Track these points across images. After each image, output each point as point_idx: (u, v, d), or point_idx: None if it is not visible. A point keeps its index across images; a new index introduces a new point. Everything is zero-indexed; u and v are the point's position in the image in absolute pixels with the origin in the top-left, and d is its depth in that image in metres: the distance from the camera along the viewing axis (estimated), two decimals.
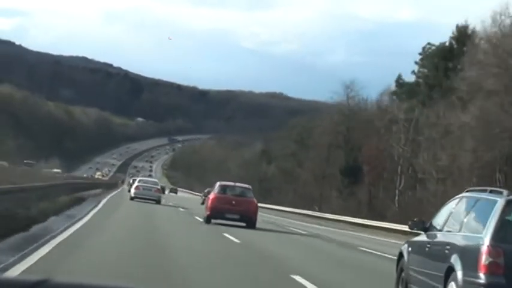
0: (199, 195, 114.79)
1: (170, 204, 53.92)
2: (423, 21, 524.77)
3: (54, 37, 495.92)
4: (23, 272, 10.83)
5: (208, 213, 29.73)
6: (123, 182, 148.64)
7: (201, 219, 32.32)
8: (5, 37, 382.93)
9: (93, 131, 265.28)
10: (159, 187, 50.96)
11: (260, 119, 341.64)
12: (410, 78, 71.93)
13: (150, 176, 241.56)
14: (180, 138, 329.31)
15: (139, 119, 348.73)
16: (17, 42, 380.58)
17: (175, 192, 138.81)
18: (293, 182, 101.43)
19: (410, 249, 11.94)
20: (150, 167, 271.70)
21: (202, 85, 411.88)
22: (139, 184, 48.57)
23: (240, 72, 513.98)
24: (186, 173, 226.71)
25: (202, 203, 71.46)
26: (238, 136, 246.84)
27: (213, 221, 29.67)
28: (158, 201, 46.51)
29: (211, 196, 30.07)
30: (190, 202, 76.69)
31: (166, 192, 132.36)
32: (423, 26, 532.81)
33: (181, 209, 45.94)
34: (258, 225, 30.73)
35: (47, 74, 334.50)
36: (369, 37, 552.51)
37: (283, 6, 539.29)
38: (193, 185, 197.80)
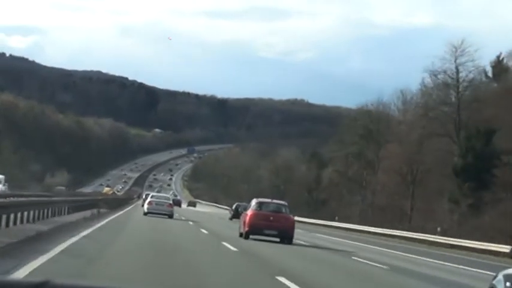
0: (227, 209, 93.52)
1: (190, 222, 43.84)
2: (438, 26, 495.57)
3: (69, 54, 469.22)
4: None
5: (247, 229, 28.51)
6: (139, 197, 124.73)
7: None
8: (19, 54, 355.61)
9: (108, 142, 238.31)
10: (171, 202, 49.63)
11: (282, 126, 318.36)
12: None
13: (169, 187, 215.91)
14: (199, 148, 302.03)
15: (156, 130, 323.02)
16: (31, 59, 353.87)
17: (194, 206, 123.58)
18: (359, 191, 74.03)
19: (508, 284, 8.85)
20: (171, 176, 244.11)
21: (221, 94, 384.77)
22: (152, 200, 47.20)
23: (258, 81, 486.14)
24: (209, 184, 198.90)
25: (231, 218, 60.35)
26: (261, 144, 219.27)
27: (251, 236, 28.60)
28: (171, 216, 45.01)
29: (249, 213, 28.88)
30: (211, 220, 57.20)
31: (184, 206, 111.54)
32: (438, 31, 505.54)
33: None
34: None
35: (58, 86, 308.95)
36: (385, 43, 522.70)
37: (298, 15, 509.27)
38: (218, 198, 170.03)
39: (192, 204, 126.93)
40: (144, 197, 66.24)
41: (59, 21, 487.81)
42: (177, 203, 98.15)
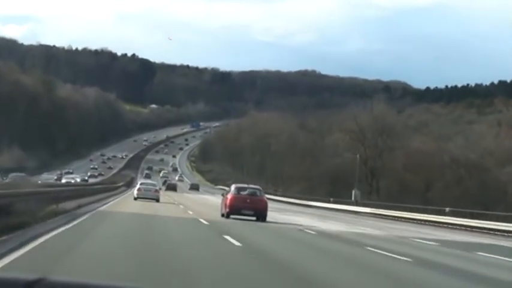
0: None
1: None
2: (439, 6, 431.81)
3: (64, 41, 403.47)
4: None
5: (227, 210, 30.12)
6: (129, 185, 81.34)
7: None
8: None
9: (93, 116, 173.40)
10: (157, 188, 49.43)
11: (297, 98, 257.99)
12: None
13: (175, 170, 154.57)
14: (204, 125, 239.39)
15: (153, 106, 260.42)
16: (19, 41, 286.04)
17: (197, 189, 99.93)
18: None
19: None
20: (178, 152, 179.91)
21: (223, 67, 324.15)
22: (141, 187, 48.45)
23: (261, 56, 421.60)
24: (228, 163, 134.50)
25: None
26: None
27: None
28: (157, 200, 46.01)
29: (229, 196, 30.45)
30: None
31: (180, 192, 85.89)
32: (440, 12, 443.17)
33: None
34: None
35: (39, 60, 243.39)
36: (387, 24, 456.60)
37: None
38: (249, 182, 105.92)
39: (194, 187, 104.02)
40: (138, 184, 53.12)
41: (54, 9, 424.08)
42: (173, 187, 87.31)
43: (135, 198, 45.77)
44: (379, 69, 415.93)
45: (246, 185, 33.28)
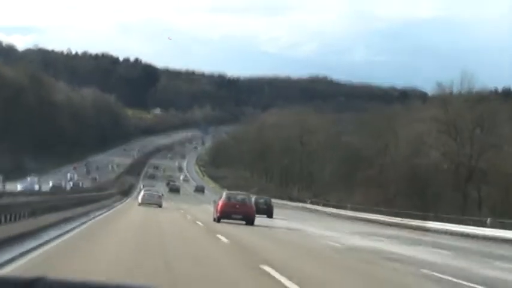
0: None
1: None
2: (442, 18, 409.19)
3: (65, 48, 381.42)
4: None
5: (218, 215, 31.60)
6: (126, 193, 63.16)
7: None
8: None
9: (91, 118, 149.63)
10: (160, 194, 52.46)
11: (309, 103, 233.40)
12: None
13: (180, 169, 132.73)
14: (214, 128, 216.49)
15: (157, 111, 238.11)
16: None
17: (202, 191, 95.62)
18: None
19: None
20: (183, 157, 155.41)
21: (231, 73, 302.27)
22: (145, 193, 51.52)
23: (266, 68, 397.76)
24: (246, 167, 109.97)
25: None
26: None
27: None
28: (160, 205, 48.69)
29: (220, 202, 31.99)
30: None
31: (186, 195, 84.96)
32: (442, 24, 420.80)
33: None
34: None
35: (38, 64, 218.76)
36: (389, 36, 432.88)
37: (300, 9, 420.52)
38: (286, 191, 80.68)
39: (199, 189, 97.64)
40: (142, 189, 60.02)
41: (57, 20, 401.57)
42: (176, 189, 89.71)
43: (139, 204, 48.21)
44: (388, 77, 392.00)
45: (235, 192, 36.70)
